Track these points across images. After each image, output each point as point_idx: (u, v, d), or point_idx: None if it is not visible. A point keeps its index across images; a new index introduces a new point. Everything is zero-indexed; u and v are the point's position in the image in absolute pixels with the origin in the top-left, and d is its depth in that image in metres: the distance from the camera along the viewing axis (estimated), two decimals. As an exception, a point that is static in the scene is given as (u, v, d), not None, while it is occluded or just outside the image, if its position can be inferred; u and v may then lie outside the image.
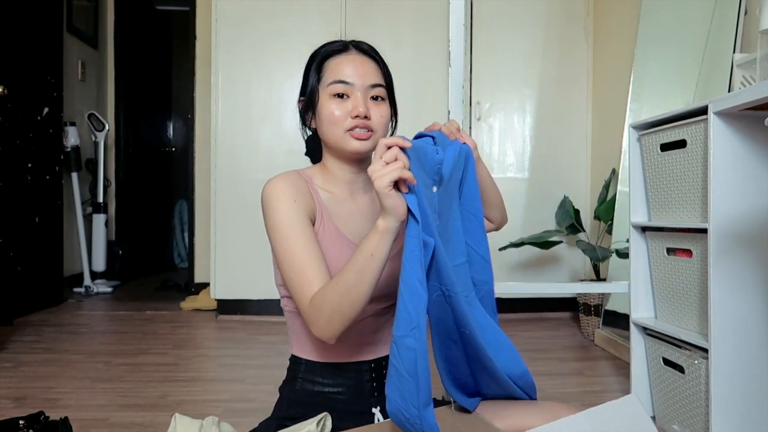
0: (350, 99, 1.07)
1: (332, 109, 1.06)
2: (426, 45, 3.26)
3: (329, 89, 1.07)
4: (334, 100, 1.07)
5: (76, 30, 4.13)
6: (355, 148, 1.07)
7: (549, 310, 3.40)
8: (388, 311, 1.13)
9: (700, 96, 2.25)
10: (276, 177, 1.08)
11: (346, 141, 1.07)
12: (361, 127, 1.06)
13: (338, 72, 1.08)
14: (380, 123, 1.08)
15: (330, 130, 1.08)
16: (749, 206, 1.42)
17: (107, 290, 4.13)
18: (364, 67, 1.08)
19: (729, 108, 1.34)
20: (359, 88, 1.07)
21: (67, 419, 1.39)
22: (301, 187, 1.08)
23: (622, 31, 3.05)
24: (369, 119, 1.06)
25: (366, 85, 1.07)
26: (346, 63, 1.08)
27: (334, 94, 1.07)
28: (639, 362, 1.80)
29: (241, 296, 3.21)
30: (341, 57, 1.09)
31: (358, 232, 1.10)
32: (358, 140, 1.06)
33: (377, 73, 1.10)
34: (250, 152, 3.26)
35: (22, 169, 3.36)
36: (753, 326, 1.43)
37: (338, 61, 1.09)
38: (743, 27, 2.07)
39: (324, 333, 0.96)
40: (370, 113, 1.06)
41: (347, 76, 1.07)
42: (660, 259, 1.73)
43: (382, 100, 1.09)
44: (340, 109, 1.06)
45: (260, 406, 1.38)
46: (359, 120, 1.06)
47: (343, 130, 1.06)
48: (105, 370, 2.28)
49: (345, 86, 1.07)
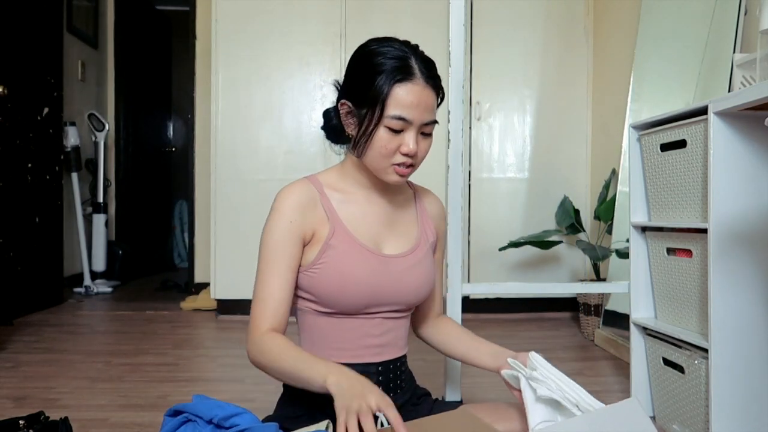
0: (404, 133, 1.05)
1: (386, 141, 1.04)
2: (426, 45, 3.23)
3: (389, 121, 1.04)
4: (389, 133, 1.05)
5: (76, 30, 4.13)
6: (394, 182, 1.09)
7: (549, 310, 3.40)
8: (398, 314, 1.13)
9: (700, 96, 2.25)
10: (288, 188, 1.10)
11: (388, 173, 1.08)
12: (407, 165, 1.07)
13: (403, 106, 1.03)
14: (423, 157, 1.09)
15: (376, 159, 1.07)
16: (749, 206, 1.42)
17: (107, 290, 4.13)
18: (427, 102, 1.05)
19: (729, 108, 1.34)
20: (416, 126, 1.05)
21: (67, 419, 1.38)
22: (310, 202, 1.09)
23: (622, 31, 3.05)
24: (415, 156, 1.07)
25: (422, 122, 1.06)
26: (411, 96, 1.04)
27: (391, 128, 1.04)
28: (639, 362, 1.80)
29: (241, 296, 3.21)
30: (409, 86, 1.04)
31: (371, 235, 1.10)
32: (399, 176, 1.07)
33: (434, 105, 1.08)
34: (250, 152, 3.26)
35: (22, 169, 3.36)
36: (753, 326, 1.43)
37: (406, 91, 1.03)
38: (743, 27, 2.07)
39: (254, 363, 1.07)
40: (418, 149, 1.06)
41: (409, 113, 1.04)
42: (660, 259, 1.73)
43: (430, 135, 1.09)
44: (393, 143, 1.05)
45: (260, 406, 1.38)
46: (407, 158, 1.06)
47: (389, 163, 1.06)
48: (105, 370, 2.28)
49: (404, 123, 1.04)
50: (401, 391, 1.13)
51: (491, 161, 3.38)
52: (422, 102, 1.04)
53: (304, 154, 3.24)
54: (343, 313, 1.08)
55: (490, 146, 3.39)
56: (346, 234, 1.08)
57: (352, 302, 1.06)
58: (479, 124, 3.37)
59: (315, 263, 1.06)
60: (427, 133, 1.08)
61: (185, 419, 0.96)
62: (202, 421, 0.94)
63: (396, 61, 1.04)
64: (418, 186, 1.26)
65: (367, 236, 1.10)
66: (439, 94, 1.09)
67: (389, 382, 1.11)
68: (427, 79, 1.06)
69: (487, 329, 2.98)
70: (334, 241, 1.07)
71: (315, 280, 1.06)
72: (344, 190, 1.13)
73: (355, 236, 1.09)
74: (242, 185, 3.24)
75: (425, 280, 1.15)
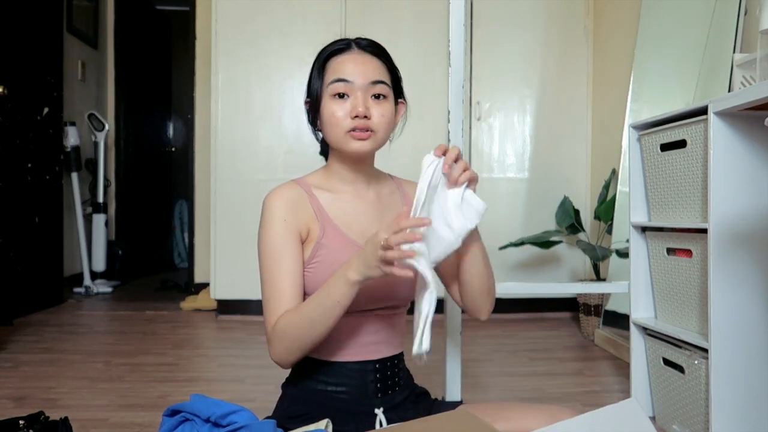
0: (350, 98, 1.05)
1: (333, 110, 1.06)
2: (426, 45, 3.26)
3: (330, 89, 1.06)
4: (335, 101, 1.06)
5: (76, 30, 4.13)
6: (355, 149, 1.06)
7: (549, 310, 3.40)
8: (394, 310, 1.13)
9: (700, 96, 2.25)
10: (275, 191, 1.09)
11: (347, 142, 1.06)
12: (360, 128, 1.05)
13: (339, 71, 1.06)
14: (381, 122, 1.07)
15: (331, 131, 1.07)
16: (749, 206, 1.42)
17: (107, 290, 4.13)
18: (365, 64, 1.07)
19: (729, 108, 1.34)
20: (360, 87, 1.05)
21: (67, 419, 1.38)
22: (298, 200, 1.08)
23: (622, 31, 3.05)
24: (369, 119, 1.05)
25: (367, 82, 1.06)
26: (347, 61, 1.07)
27: (334, 94, 1.06)
28: (639, 362, 1.80)
29: (241, 296, 3.20)
30: (343, 56, 1.08)
31: (362, 231, 1.10)
32: (357, 141, 1.05)
33: (380, 70, 1.09)
34: (250, 152, 3.26)
35: (22, 169, 3.36)
36: (753, 326, 1.43)
37: (340, 60, 1.08)
38: (743, 27, 2.07)
39: (281, 359, 1.03)
40: (370, 112, 1.05)
41: (347, 74, 1.06)
42: (660, 259, 1.73)
43: (385, 99, 1.08)
44: (341, 110, 1.05)
45: (260, 406, 1.38)
46: (359, 120, 1.04)
47: (343, 131, 1.05)
48: (105, 370, 2.28)
49: (345, 85, 1.05)
50: (399, 388, 1.13)
51: (491, 161, 3.38)
52: (361, 64, 1.07)
53: (304, 154, 3.24)
54: None
55: (490, 146, 3.39)
56: (337, 232, 1.08)
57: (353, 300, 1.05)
58: (479, 124, 3.37)
59: (309, 263, 1.06)
60: (380, 95, 1.07)
61: (183, 419, 0.96)
62: (200, 419, 0.94)
63: (334, 44, 1.11)
64: (399, 178, 1.25)
65: (358, 232, 1.09)
66: (388, 64, 1.11)
67: (387, 380, 1.11)
68: (365, 48, 1.09)
69: (487, 329, 2.98)
70: (325, 240, 1.06)
71: (309, 280, 1.06)
72: (331, 188, 1.13)
73: (346, 234, 1.08)
74: (242, 185, 3.24)
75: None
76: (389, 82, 1.09)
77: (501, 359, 2.50)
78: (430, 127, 3.30)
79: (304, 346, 1.01)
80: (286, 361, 1.04)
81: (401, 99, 1.15)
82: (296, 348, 1.01)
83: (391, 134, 1.13)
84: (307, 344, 1.01)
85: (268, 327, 1.04)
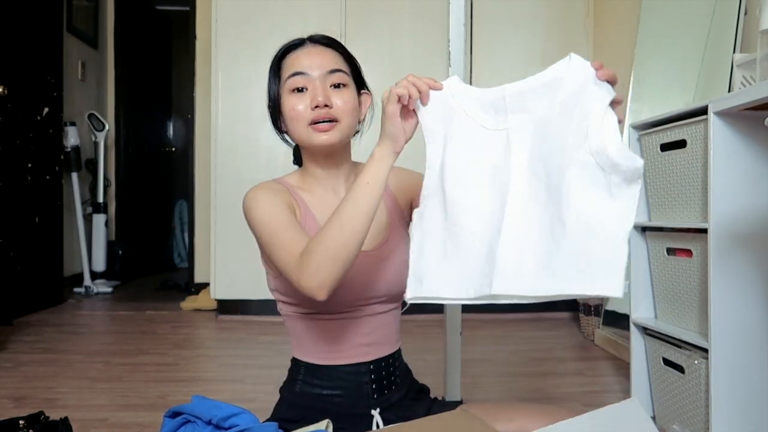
0: (309, 91, 1.04)
1: (292, 104, 1.04)
2: (426, 45, 3.26)
3: (287, 84, 1.05)
4: (294, 95, 1.04)
5: (76, 30, 4.13)
6: (321, 142, 1.04)
7: (549, 310, 3.39)
8: (387, 310, 1.12)
9: (700, 96, 2.25)
10: (253, 187, 1.07)
11: (311, 136, 1.04)
12: (322, 118, 1.02)
13: (295, 65, 1.05)
14: (344, 110, 1.04)
15: (294, 127, 1.05)
16: (749, 206, 1.42)
17: (107, 290, 4.13)
18: (320, 56, 1.06)
19: (729, 108, 1.34)
20: (317, 77, 1.04)
21: (67, 419, 1.38)
22: (281, 190, 1.07)
23: (622, 31, 3.05)
24: (331, 107, 1.03)
25: (323, 72, 1.04)
26: (302, 55, 1.06)
27: (293, 89, 1.04)
28: (639, 362, 1.80)
29: (241, 296, 3.21)
30: (297, 51, 1.07)
31: None
32: (322, 132, 1.03)
33: (336, 59, 1.07)
34: (250, 152, 3.26)
35: (22, 169, 3.36)
36: (753, 326, 1.43)
37: (294, 56, 1.07)
38: (743, 27, 2.07)
39: (313, 281, 0.89)
40: (331, 101, 1.03)
41: (304, 67, 1.04)
42: (660, 259, 1.73)
43: (345, 87, 1.06)
44: (301, 103, 1.03)
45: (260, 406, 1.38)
46: (319, 111, 1.02)
47: (305, 125, 1.03)
48: (105, 370, 2.28)
49: (302, 77, 1.04)
50: (396, 387, 1.12)
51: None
52: (316, 56, 1.06)
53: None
54: (326, 312, 1.06)
55: (490, 146, 3.38)
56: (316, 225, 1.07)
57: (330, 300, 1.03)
58: (479, 124, 3.37)
59: None
60: (339, 84, 1.05)
61: (184, 420, 0.96)
62: (201, 421, 0.94)
63: (285, 44, 1.10)
64: None
65: None
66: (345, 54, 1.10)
67: (382, 380, 1.10)
68: (319, 41, 1.09)
69: (487, 329, 2.98)
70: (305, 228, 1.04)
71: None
72: (309, 189, 1.11)
73: None
74: (242, 185, 3.19)
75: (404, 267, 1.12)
76: (348, 71, 1.08)
77: (501, 359, 2.50)
78: (430, 127, 3.31)
79: (336, 257, 0.89)
80: (318, 281, 0.89)
81: (364, 90, 1.13)
82: (328, 261, 0.88)
83: (358, 125, 1.11)
84: (338, 253, 0.89)
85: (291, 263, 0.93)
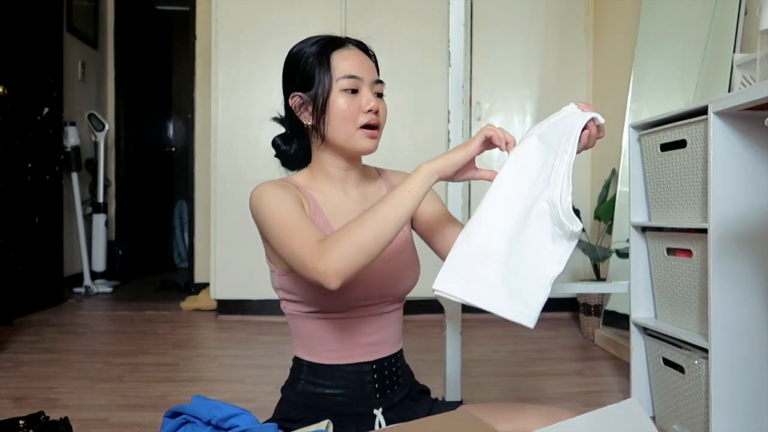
0: (359, 94, 1.05)
1: (346, 105, 1.04)
2: (426, 45, 3.26)
3: (341, 83, 1.04)
4: (346, 95, 1.05)
5: (76, 30, 4.13)
6: (365, 146, 1.06)
7: (549, 310, 3.37)
8: (390, 311, 1.12)
9: (700, 96, 2.25)
10: (260, 184, 1.07)
11: (359, 138, 1.06)
12: (373, 124, 1.05)
13: (348, 66, 1.05)
14: (384, 120, 1.09)
15: (342, 125, 1.05)
16: (749, 206, 1.42)
17: (107, 290, 4.13)
18: (366, 62, 1.08)
19: (729, 108, 1.34)
20: (367, 84, 1.06)
21: (67, 419, 1.38)
22: (289, 187, 1.07)
23: (622, 31, 3.05)
24: (379, 115, 1.07)
25: (372, 80, 1.07)
26: (353, 57, 1.06)
27: (345, 89, 1.05)
28: (639, 362, 1.80)
29: (241, 296, 3.21)
30: (344, 51, 1.07)
31: None
32: (369, 138, 1.06)
33: (375, 70, 1.10)
34: (250, 152, 3.26)
35: (22, 169, 3.36)
36: (753, 326, 1.43)
37: (344, 55, 1.06)
38: (743, 27, 2.07)
39: (333, 266, 0.88)
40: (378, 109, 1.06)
41: (357, 70, 1.05)
42: (660, 259, 1.73)
43: (383, 98, 1.09)
44: (353, 104, 1.05)
45: (260, 406, 1.38)
46: (372, 115, 1.05)
47: (355, 127, 1.05)
48: (105, 370, 2.28)
49: (356, 81, 1.05)
50: (398, 387, 1.13)
51: (491, 161, 3.38)
52: (363, 61, 1.07)
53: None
54: (330, 311, 1.07)
55: (490, 146, 3.38)
56: (326, 223, 1.07)
57: (335, 299, 1.03)
58: (479, 124, 3.37)
59: None
60: (380, 93, 1.08)
61: (184, 420, 0.96)
62: (201, 422, 0.94)
63: (325, 38, 1.09)
64: (386, 170, 1.23)
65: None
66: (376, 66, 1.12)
67: (384, 380, 1.10)
68: (359, 44, 1.10)
69: (487, 329, 2.98)
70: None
71: (298, 279, 1.04)
72: (319, 188, 1.11)
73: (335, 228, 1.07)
74: (242, 185, 3.22)
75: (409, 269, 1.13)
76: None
77: (501, 359, 2.50)
78: (430, 127, 3.31)
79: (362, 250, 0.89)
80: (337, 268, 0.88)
81: None
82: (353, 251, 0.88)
83: None
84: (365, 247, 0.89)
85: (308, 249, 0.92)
